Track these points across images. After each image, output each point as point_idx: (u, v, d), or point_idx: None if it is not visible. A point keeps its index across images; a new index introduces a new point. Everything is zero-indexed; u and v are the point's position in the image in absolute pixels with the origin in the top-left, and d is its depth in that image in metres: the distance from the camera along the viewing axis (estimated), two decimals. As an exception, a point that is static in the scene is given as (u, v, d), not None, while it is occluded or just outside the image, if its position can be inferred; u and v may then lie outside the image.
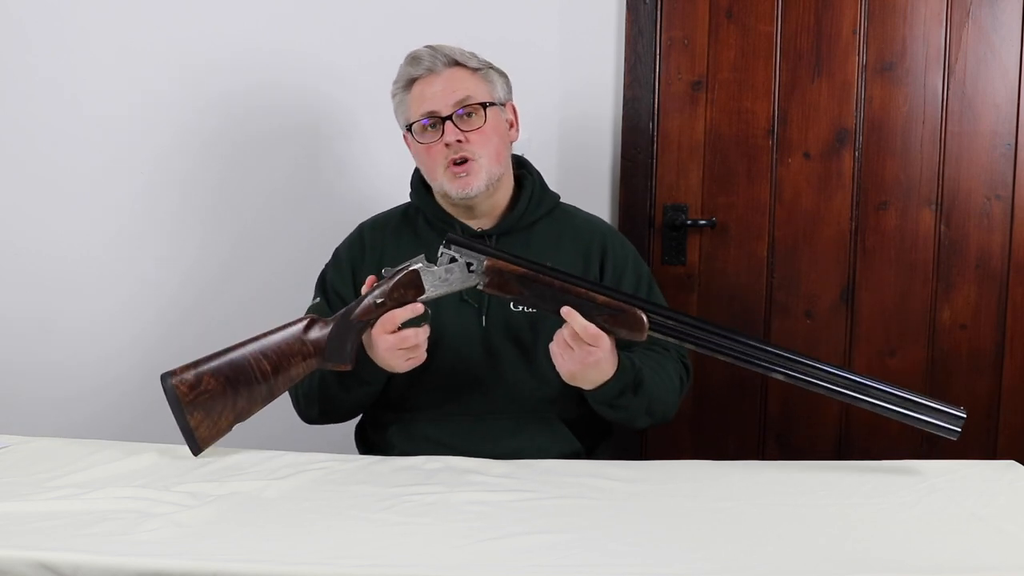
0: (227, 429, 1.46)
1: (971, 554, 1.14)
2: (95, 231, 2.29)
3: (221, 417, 1.44)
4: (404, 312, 1.46)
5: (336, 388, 1.61)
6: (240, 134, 2.26)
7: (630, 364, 1.54)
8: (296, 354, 1.46)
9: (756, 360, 1.43)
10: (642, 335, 1.43)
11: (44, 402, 2.30)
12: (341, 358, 1.47)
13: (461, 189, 1.64)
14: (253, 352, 1.45)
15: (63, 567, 1.07)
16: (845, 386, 1.42)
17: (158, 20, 2.23)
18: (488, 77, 1.68)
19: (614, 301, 1.43)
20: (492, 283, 1.45)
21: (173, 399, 1.43)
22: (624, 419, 1.62)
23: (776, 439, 2.32)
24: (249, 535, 1.17)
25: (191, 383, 1.43)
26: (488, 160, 1.64)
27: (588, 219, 1.80)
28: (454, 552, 1.13)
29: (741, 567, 1.09)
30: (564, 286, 1.44)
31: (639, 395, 1.57)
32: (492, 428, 1.64)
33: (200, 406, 1.43)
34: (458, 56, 1.66)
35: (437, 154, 1.64)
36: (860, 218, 2.25)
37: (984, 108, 2.20)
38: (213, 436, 1.45)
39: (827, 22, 2.21)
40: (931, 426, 1.41)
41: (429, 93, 1.64)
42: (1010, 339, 2.24)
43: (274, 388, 1.46)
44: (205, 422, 1.44)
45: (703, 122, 2.26)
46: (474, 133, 1.63)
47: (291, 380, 1.48)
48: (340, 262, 1.75)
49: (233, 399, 1.44)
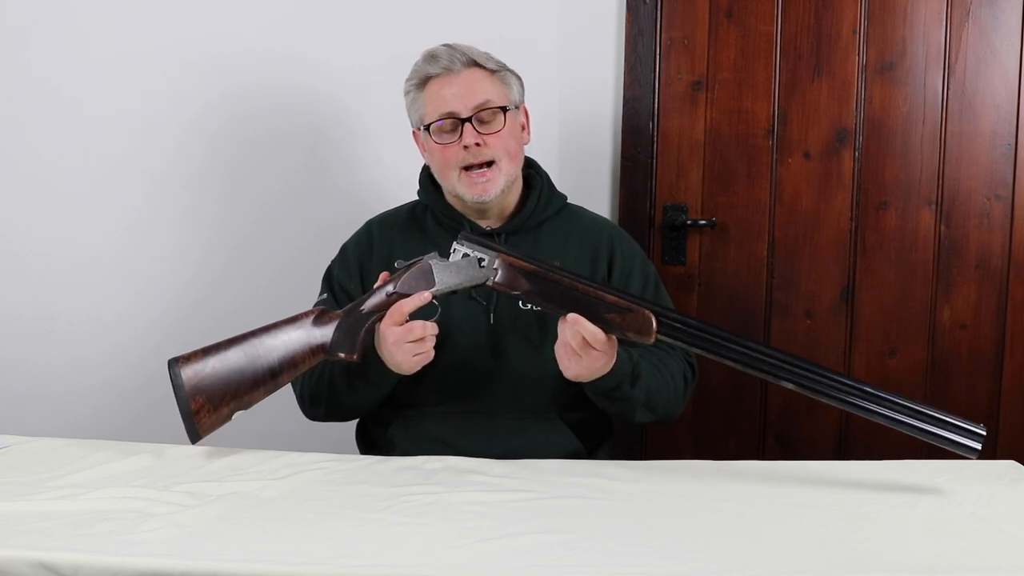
0: (228, 416, 1.44)
1: (971, 554, 1.14)
2: (99, 231, 2.29)
3: (223, 403, 1.43)
4: (411, 302, 1.47)
5: (344, 389, 1.62)
6: (244, 134, 2.26)
7: (627, 356, 1.54)
8: (304, 343, 1.47)
9: (765, 368, 1.38)
10: (650, 337, 1.41)
11: (46, 402, 2.30)
12: (349, 348, 1.47)
13: (479, 195, 1.64)
14: (260, 339, 1.46)
15: (63, 567, 1.07)
16: (860, 397, 1.35)
17: (162, 20, 2.23)
18: (505, 79, 1.67)
19: (623, 300, 1.43)
20: (502, 278, 1.46)
21: (177, 381, 1.42)
22: (623, 411, 1.61)
23: (776, 439, 2.32)
24: (249, 535, 1.17)
25: (196, 366, 1.43)
26: (506, 163, 1.65)
27: (595, 219, 1.81)
28: (454, 552, 1.13)
29: (741, 567, 1.09)
30: (573, 284, 1.44)
31: (636, 387, 1.57)
32: (494, 427, 1.64)
33: (203, 390, 1.42)
34: (476, 56, 1.65)
35: (452, 155, 1.64)
36: (860, 218, 2.25)
37: (984, 108, 2.20)
38: (214, 423, 1.44)
39: (827, 22, 2.21)
40: (949, 443, 1.33)
41: (448, 93, 1.63)
42: (1010, 339, 2.24)
43: (279, 376, 1.46)
44: (206, 406, 1.42)
45: (703, 122, 2.26)
46: (492, 136, 1.63)
47: (296, 369, 1.47)
48: (347, 259, 1.75)
49: (237, 384, 1.44)
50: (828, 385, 1.36)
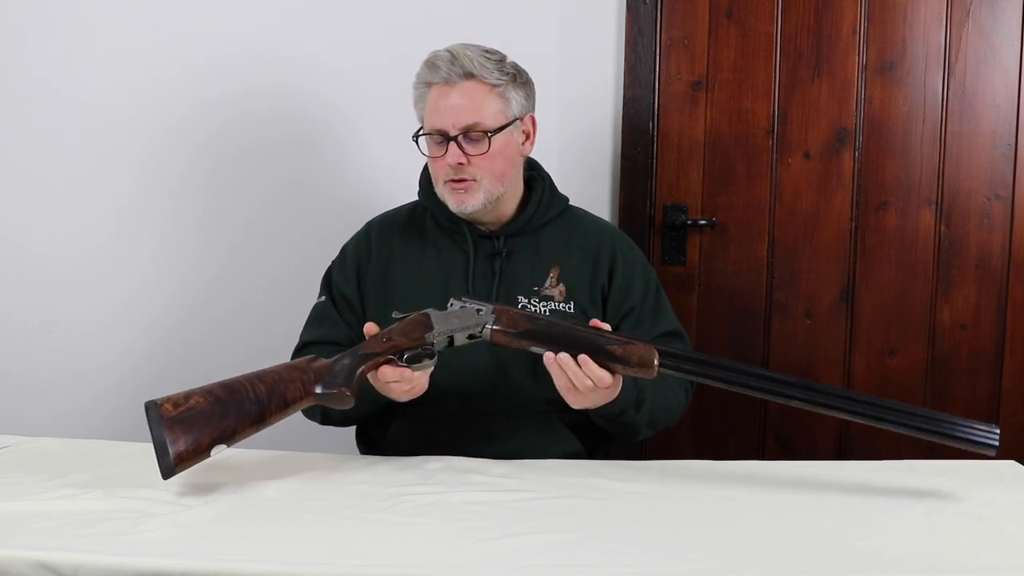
0: (207, 449, 1.31)
1: (971, 554, 1.14)
2: (98, 231, 2.28)
3: (203, 434, 1.30)
4: (392, 373, 1.43)
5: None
6: (243, 135, 2.26)
7: (632, 383, 1.53)
8: (294, 380, 1.39)
9: (772, 389, 1.37)
10: (652, 371, 1.38)
11: (46, 402, 2.30)
12: (344, 382, 1.40)
13: (457, 204, 1.64)
14: (249, 377, 1.38)
15: (63, 567, 1.07)
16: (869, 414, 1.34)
17: (161, 22, 2.23)
18: (505, 94, 1.63)
19: (622, 338, 1.42)
20: (499, 323, 1.42)
21: (155, 417, 1.30)
22: (626, 433, 1.63)
23: (776, 439, 2.32)
24: (249, 535, 1.17)
25: (176, 402, 1.32)
26: (489, 182, 1.63)
27: (597, 223, 1.80)
28: (454, 552, 1.13)
29: (741, 567, 1.09)
30: (572, 325, 1.43)
31: (640, 412, 1.58)
32: (493, 428, 1.64)
33: (182, 422, 1.30)
34: (477, 68, 1.61)
35: (440, 168, 1.64)
36: (860, 218, 2.25)
37: (984, 108, 2.20)
38: (190, 455, 1.30)
39: (827, 22, 2.21)
40: (966, 442, 1.32)
41: (441, 106, 1.61)
42: (1010, 339, 2.24)
43: (266, 411, 1.36)
44: (183, 438, 1.29)
45: (703, 122, 2.26)
46: (478, 157, 1.62)
47: (286, 405, 1.37)
48: (346, 262, 1.75)
49: (220, 417, 1.32)
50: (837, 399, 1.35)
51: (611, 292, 1.71)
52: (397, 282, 1.70)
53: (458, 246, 1.70)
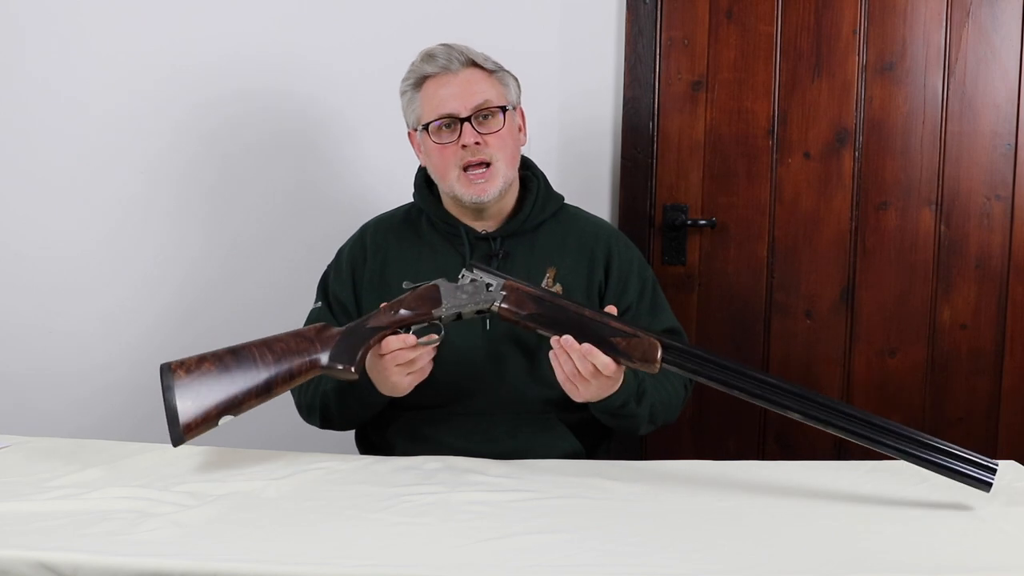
0: (215, 418, 1.37)
1: (971, 554, 1.14)
2: (97, 231, 2.28)
3: (212, 403, 1.37)
4: (396, 341, 1.44)
5: (336, 407, 1.62)
6: (242, 136, 2.26)
7: (633, 375, 1.53)
8: (302, 351, 1.43)
9: (771, 398, 1.36)
10: (655, 365, 1.39)
11: (46, 402, 2.30)
12: (348, 360, 1.43)
13: (477, 195, 1.63)
14: (258, 344, 1.43)
15: (63, 567, 1.07)
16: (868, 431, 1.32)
17: (160, 23, 2.23)
18: (503, 80, 1.66)
19: (628, 327, 1.41)
20: (508, 300, 1.44)
21: (167, 380, 1.37)
22: (626, 427, 1.62)
23: (776, 439, 2.32)
24: (249, 535, 1.17)
25: (188, 367, 1.38)
26: (504, 164, 1.63)
27: (593, 221, 1.80)
28: (454, 552, 1.13)
29: (741, 567, 1.09)
30: (578, 308, 1.43)
31: (642, 404, 1.58)
32: (492, 428, 1.64)
33: (191, 389, 1.36)
34: (474, 56, 1.64)
35: (451, 155, 1.62)
36: (860, 218, 2.25)
37: (984, 108, 2.20)
38: (199, 425, 1.36)
39: (827, 22, 2.22)
40: (959, 476, 1.29)
41: (446, 93, 1.62)
42: (1010, 339, 2.24)
43: (273, 383, 1.40)
44: (193, 406, 1.36)
45: (703, 122, 2.26)
46: (492, 136, 1.62)
47: (292, 377, 1.42)
48: (341, 265, 1.75)
49: (228, 386, 1.38)
50: (835, 417, 1.33)
51: (608, 290, 1.70)
52: (393, 284, 1.70)
53: (454, 248, 1.70)
